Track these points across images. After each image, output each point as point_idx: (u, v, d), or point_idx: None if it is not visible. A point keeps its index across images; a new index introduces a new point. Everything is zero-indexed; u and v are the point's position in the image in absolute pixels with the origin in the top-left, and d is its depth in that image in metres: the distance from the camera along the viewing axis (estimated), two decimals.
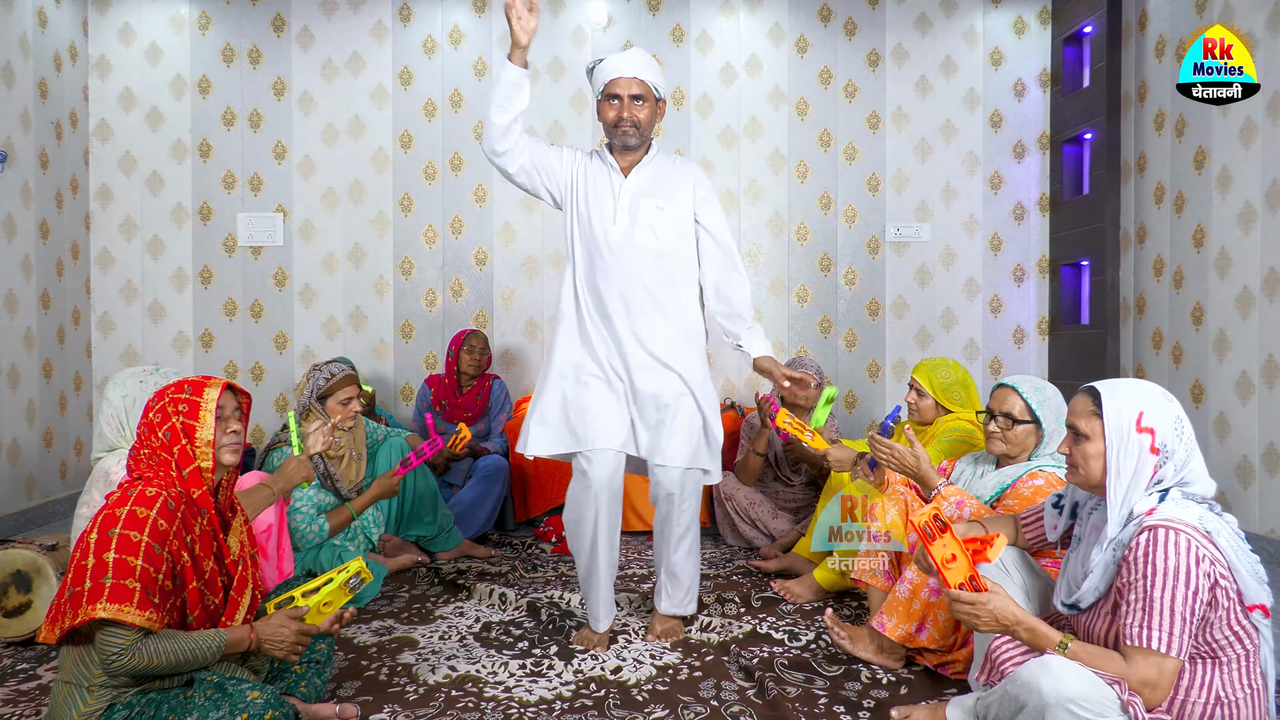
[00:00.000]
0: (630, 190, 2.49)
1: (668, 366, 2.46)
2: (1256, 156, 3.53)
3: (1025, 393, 2.31)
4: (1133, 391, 1.67)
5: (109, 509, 1.63)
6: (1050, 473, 2.26)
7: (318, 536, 2.88)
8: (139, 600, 1.57)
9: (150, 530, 1.61)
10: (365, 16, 4.79)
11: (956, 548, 1.71)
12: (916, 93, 4.90)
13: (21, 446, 4.08)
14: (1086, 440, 1.69)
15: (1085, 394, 1.72)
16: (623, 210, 2.47)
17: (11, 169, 4.03)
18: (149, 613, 1.58)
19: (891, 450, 2.33)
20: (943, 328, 4.93)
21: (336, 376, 3.03)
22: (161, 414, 1.75)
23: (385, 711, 2.07)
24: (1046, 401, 2.31)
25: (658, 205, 2.47)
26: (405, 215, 4.82)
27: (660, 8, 4.84)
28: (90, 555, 1.58)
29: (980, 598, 1.67)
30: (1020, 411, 2.30)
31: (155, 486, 1.67)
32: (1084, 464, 1.70)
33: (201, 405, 1.76)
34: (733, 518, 3.64)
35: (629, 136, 2.47)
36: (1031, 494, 2.21)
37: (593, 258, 2.48)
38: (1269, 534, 3.42)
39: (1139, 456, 1.63)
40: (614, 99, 2.46)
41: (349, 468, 3.10)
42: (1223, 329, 3.72)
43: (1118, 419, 1.64)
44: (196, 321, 4.79)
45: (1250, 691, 1.60)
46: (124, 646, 1.57)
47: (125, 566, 1.57)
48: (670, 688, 2.21)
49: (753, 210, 4.88)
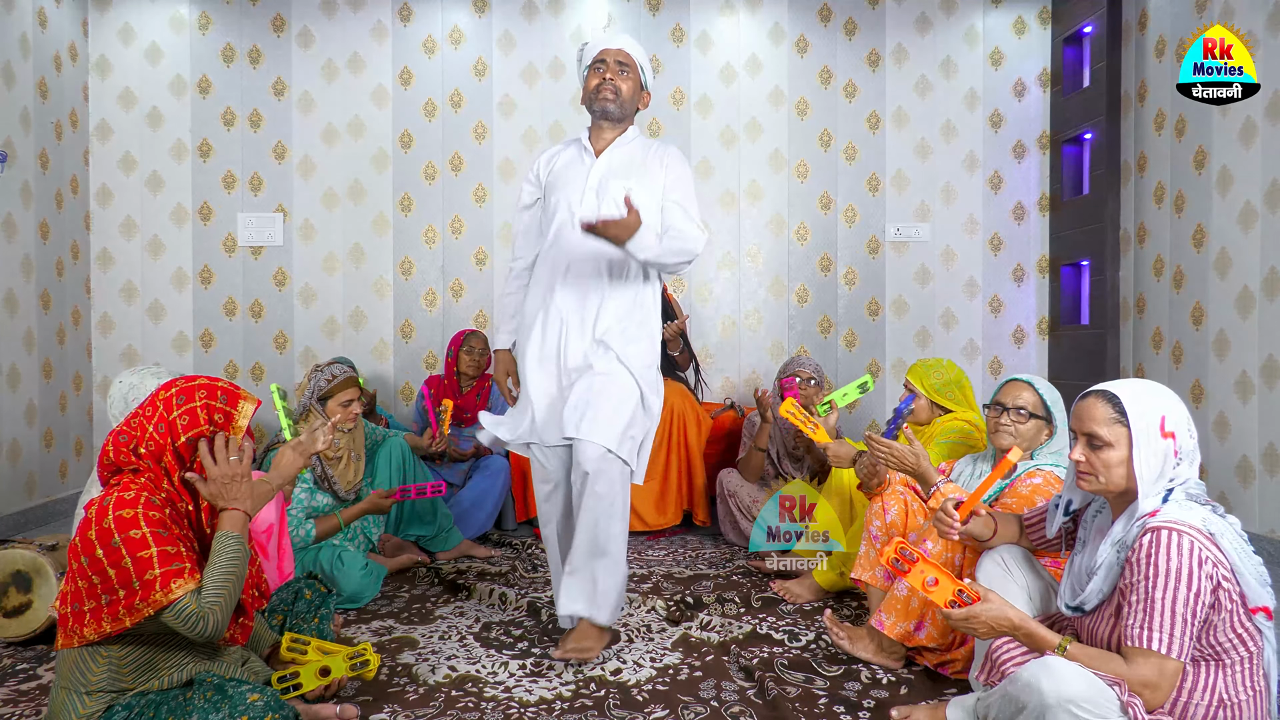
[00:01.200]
0: (600, 171, 2.47)
1: (608, 347, 2.39)
2: (1256, 156, 3.53)
3: (1041, 388, 2.31)
4: (1154, 395, 1.66)
5: (97, 525, 1.60)
6: (1049, 471, 2.26)
7: (303, 541, 2.89)
8: (175, 570, 1.60)
9: (146, 520, 1.61)
10: (365, 16, 4.79)
11: (933, 570, 1.71)
12: (916, 93, 4.90)
13: (21, 446, 4.08)
14: (1109, 448, 1.64)
15: (1101, 399, 1.67)
16: (590, 190, 2.44)
17: (11, 169, 4.03)
18: (184, 579, 1.61)
19: (891, 449, 2.33)
20: (943, 328, 4.93)
21: (338, 379, 3.03)
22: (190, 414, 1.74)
23: (385, 711, 2.07)
24: (1057, 400, 2.32)
25: (625, 186, 2.41)
26: (405, 215, 4.82)
27: (660, 8, 4.84)
28: (109, 568, 1.58)
29: (974, 610, 1.67)
30: (1034, 405, 2.30)
31: (130, 489, 1.65)
32: (1105, 471, 1.65)
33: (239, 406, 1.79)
34: (734, 514, 3.64)
35: (608, 102, 2.44)
36: (1030, 492, 2.21)
37: (559, 240, 2.45)
38: (1269, 534, 3.42)
39: (1164, 460, 1.62)
40: (599, 65, 2.46)
41: (347, 469, 3.10)
42: (1223, 329, 3.72)
43: (1144, 425, 1.61)
44: (196, 321, 4.79)
45: (1253, 694, 1.60)
46: (194, 610, 1.60)
47: (143, 562, 1.58)
48: (670, 688, 2.21)
49: (753, 210, 4.88)
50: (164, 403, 1.75)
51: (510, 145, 4.82)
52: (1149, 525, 1.58)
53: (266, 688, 1.67)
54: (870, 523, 2.56)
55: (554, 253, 2.47)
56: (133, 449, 1.71)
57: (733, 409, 4.32)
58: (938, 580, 1.70)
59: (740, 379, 4.88)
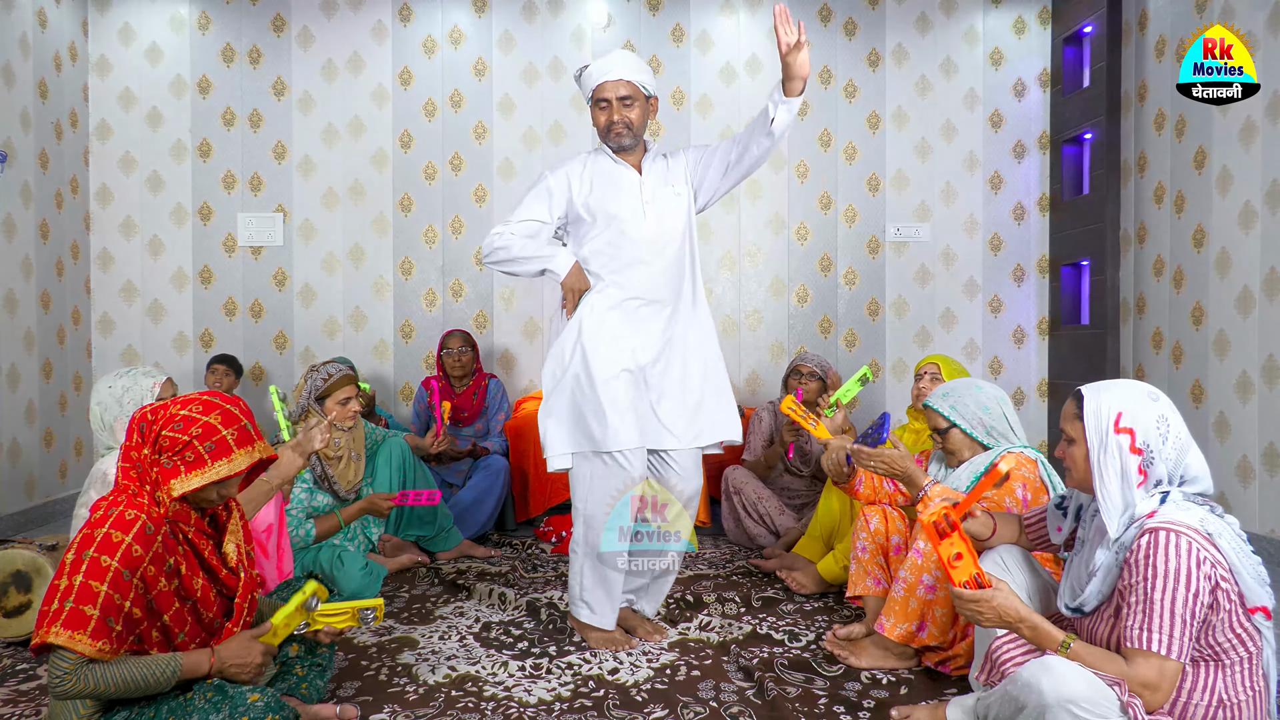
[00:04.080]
0: (650, 183, 2.53)
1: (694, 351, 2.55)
2: (1256, 156, 3.53)
3: (935, 404, 2.42)
4: (1114, 393, 1.69)
5: (89, 528, 1.58)
6: (1017, 452, 2.32)
7: (303, 541, 2.89)
8: (94, 628, 1.51)
9: (122, 556, 1.55)
10: (365, 16, 4.79)
11: (963, 546, 1.72)
12: (916, 93, 4.90)
13: (21, 446, 4.08)
14: (1073, 444, 1.73)
15: (1072, 398, 1.75)
16: (649, 202, 2.51)
17: (11, 169, 4.03)
18: (101, 642, 1.52)
19: (881, 457, 2.31)
20: (943, 328, 4.93)
21: (334, 377, 3.03)
22: (171, 441, 1.64)
23: (385, 711, 2.07)
24: (959, 401, 2.39)
25: (675, 192, 2.54)
26: (405, 215, 4.82)
27: (660, 8, 4.84)
28: (64, 575, 1.54)
29: (984, 594, 1.67)
30: (941, 422, 2.40)
31: (135, 508, 1.61)
32: (1074, 467, 1.74)
33: (206, 470, 1.65)
34: (739, 512, 3.63)
35: (623, 138, 2.49)
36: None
37: (621, 252, 2.47)
38: (1269, 534, 3.42)
39: (1121, 456, 1.64)
40: (603, 103, 2.48)
41: (347, 468, 3.10)
42: (1223, 329, 3.72)
43: (1096, 421, 1.67)
44: (196, 321, 4.79)
45: (1253, 694, 1.60)
46: (67, 671, 1.52)
47: (89, 592, 1.52)
48: (669, 688, 2.21)
49: (753, 210, 4.88)
50: (167, 419, 1.67)
51: (510, 145, 4.82)
52: (1147, 526, 1.58)
53: (267, 688, 1.67)
54: (856, 539, 2.59)
55: (620, 264, 2.49)
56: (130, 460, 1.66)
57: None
58: (961, 556, 1.71)
59: (740, 379, 4.88)
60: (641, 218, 2.49)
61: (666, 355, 2.51)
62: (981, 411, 2.36)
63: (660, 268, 2.50)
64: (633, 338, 2.47)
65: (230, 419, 1.69)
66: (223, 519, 1.84)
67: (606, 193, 2.51)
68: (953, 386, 2.43)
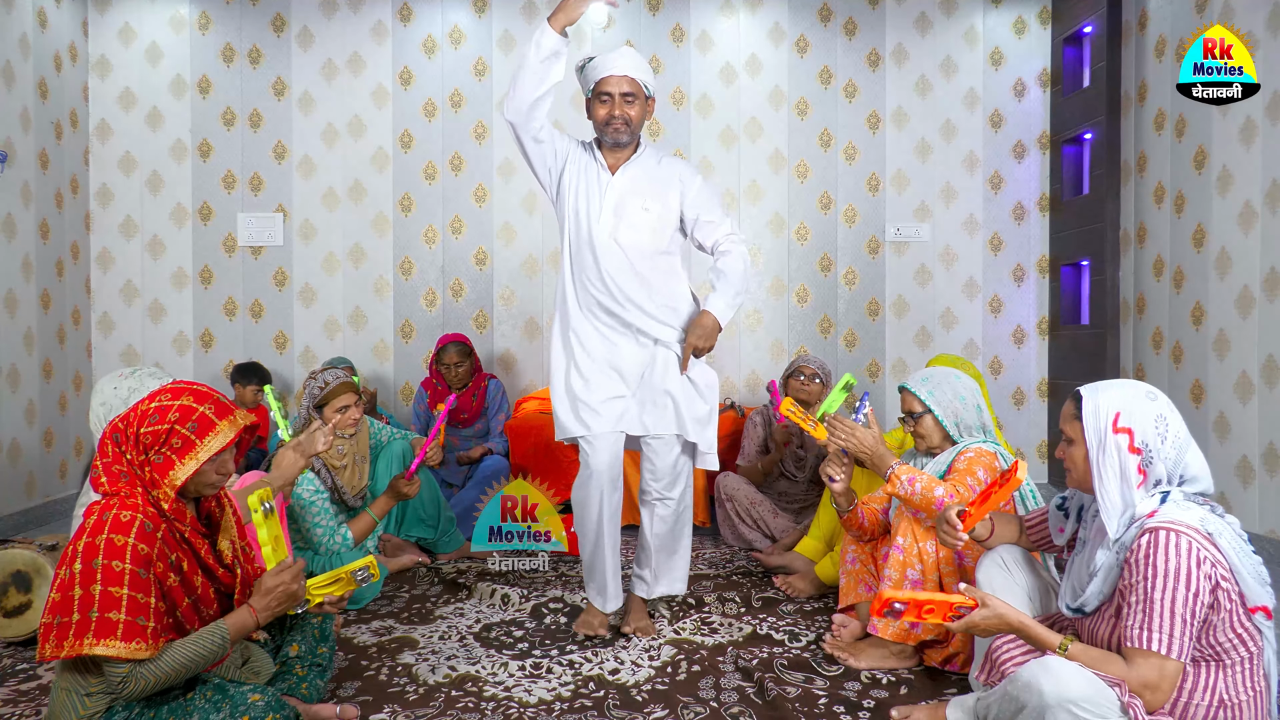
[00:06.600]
0: (617, 189, 2.51)
1: (663, 345, 2.52)
2: (1256, 156, 3.53)
3: (913, 386, 2.42)
4: (1113, 393, 1.69)
5: (89, 537, 1.57)
6: (978, 446, 2.33)
7: (343, 546, 2.83)
8: (123, 632, 1.53)
9: (132, 556, 1.55)
10: (365, 16, 4.79)
11: (912, 595, 1.72)
12: (916, 93, 4.90)
13: (21, 446, 4.08)
14: (1072, 444, 1.73)
15: (1071, 398, 1.75)
16: (608, 210, 2.49)
17: (11, 169, 4.03)
18: (135, 642, 1.54)
19: (853, 432, 2.33)
20: (943, 328, 4.93)
21: (331, 385, 2.95)
22: (154, 435, 1.64)
23: (385, 711, 2.07)
24: (937, 388, 2.40)
25: (643, 206, 2.49)
26: (405, 215, 4.82)
27: (660, 8, 4.84)
28: (77, 586, 1.54)
29: (971, 618, 1.68)
30: (918, 406, 2.41)
31: (129, 509, 1.60)
32: (1074, 467, 1.75)
33: (197, 449, 1.65)
34: (733, 518, 3.63)
35: (620, 134, 2.49)
36: (966, 465, 2.29)
37: (581, 252, 2.52)
38: (1269, 534, 3.42)
39: (1119, 456, 1.64)
40: (605, 97, 2.47)
41: (353, 474, 3.07)
42: (1223, 329, 3.72)
43: (1094, 421, 1.67)
44: (196, 321, 4.79)
45: (1254, 694, 1.60)
46: (124, 675, 1.55)
47: (111, 599, 1.53)
48: (670, 688, 2.21)
49: (753, 210, 4.88)
50: (141, 416, 1.67)
51: (510, 145, 4.81)
52: (1147, 526, 1.58)
53: (267, 688, 1.67)
54: (845, 553, 2.59)
55: (580, 264, 2.51)
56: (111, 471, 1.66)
57: (733, 409, 4.32)
58: (931, 606, 1.70)
59: (740, 379, 4.88)
60: (597, 221, 2.49)
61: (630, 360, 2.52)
62: (957, 401, 2.37)
63: (609, 271, 2.46)
64: (594, 338, 2.52)
65: (202, 396, 1.71)
66: (216, 516, 1.82)
67: (578, 185, 2.53)
68: (931, 373, 2.44)
